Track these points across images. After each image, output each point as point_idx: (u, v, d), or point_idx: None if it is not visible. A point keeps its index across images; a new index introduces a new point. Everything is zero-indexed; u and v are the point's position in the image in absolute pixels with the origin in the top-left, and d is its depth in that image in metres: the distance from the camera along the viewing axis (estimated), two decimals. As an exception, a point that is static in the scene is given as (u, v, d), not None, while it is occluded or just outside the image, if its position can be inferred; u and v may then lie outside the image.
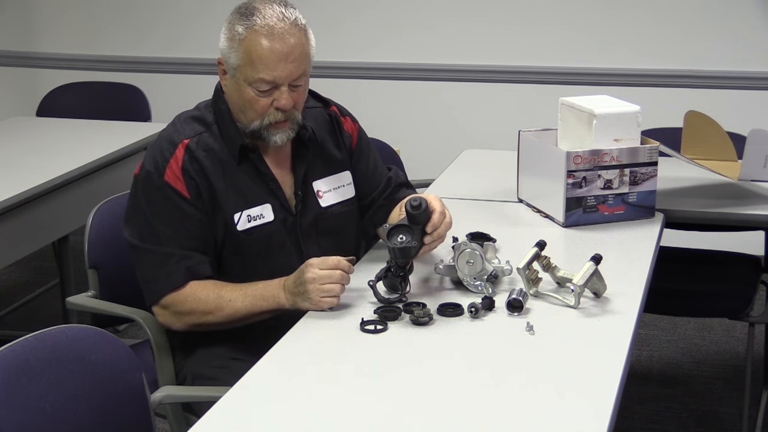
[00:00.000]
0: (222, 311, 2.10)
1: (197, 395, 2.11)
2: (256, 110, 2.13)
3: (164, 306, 2.15)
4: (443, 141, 4.48)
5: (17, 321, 4.11)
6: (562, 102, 2.70)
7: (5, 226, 3.03)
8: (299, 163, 2.26)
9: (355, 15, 4.65)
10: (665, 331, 3.94)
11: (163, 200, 2.13)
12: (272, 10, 2.10)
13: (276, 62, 2.08)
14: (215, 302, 2.11)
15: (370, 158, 2.40)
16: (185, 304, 2.12)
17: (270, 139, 2.16)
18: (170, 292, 2.12)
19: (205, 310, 2.11)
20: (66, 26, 5.05)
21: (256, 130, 2.15)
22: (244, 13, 2.11)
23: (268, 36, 2.07)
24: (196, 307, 2.12)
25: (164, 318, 2.17)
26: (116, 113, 4.14)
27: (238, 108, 2.16)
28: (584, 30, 4.42)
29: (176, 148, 2.15)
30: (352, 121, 2.39)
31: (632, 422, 3.24)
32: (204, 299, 2.11)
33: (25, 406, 1.64)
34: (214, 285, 2.13)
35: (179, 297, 2.12)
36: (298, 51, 2.10)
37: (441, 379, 1.74)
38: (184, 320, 2.15)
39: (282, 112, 2.13)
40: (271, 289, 2.08)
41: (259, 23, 2.08)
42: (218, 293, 2.11)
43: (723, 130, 2.83)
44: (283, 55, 2.08)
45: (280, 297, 2.07)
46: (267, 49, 2.07)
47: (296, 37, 2.10)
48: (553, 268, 2.11)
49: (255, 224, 2.19)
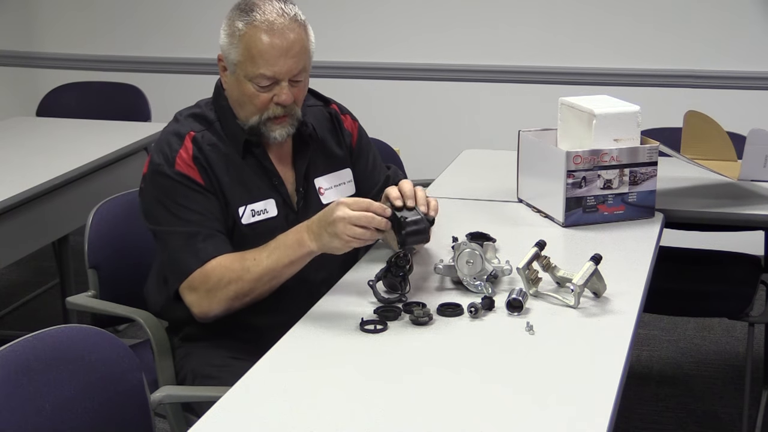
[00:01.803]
0: (250, 273, 2.05)
1: (197, 395, 2.11)
2: (256, 105, 2.13)
3: (194, 288, 2.09)
4: (443, 141, 4.48)
5: (17, 321, 4.12)
6: (561, 102, 2.70)
7: (5, 226, 3.04)
8: (300, 159, 2.26)
9: (355, 15, 4.65)
10: (665, 331, 3.94)
11: (179, 187, 2.12)
12: (271, 5, 2.11)
13: (276, 57, 2.08)
14: (241, 266, 2.06)
15: (369, 156, 2.41)
16: (212, 277, 2.07)
17: (269, 134, 2.16)
18: (199, 269, 2.08)
19: (233, 278, 2.06)
20: (66, 26, 5.06)
21: (255, 125, 2.16)
22: (244, 9, 2.12)
23: (268, 31, 2.08)
24: (223, 275, 2.06)
25: (199, 305, 2.10)
26: (116, 113, 4.14)
27: (237, 104, 2.17)
28: (584, 30, 4.42)
29: (183, 140, 2.15)
30: (352, 119, 2.40)
31: (632, 422, 3.24)
32: (229, 266, 2.07)
33: (25, 406, 1.64)
34: (237, 254, 2.10)
35: (206, 271, 2.07)
36: (298, 46, 2.11)
37: (441, 379, 1.74)
38: (217, 296, 2.07)
39: (282, 107, 2.13)
40: (293, 235, 2.04)
41: (259, 19, 2.09)
42: (242, 257, 2.08)
43: (723, 130, 2.83)
44: (284, 51, 2.08)
45: (304, 240, 2.01)
46: (267, 44, 2.08)
47: (296, 33, 2.10)
48: (553, 268, 2.11)
49: (259, 219, 2.19)
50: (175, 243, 2.12)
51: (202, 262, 2.08)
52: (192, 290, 2.10)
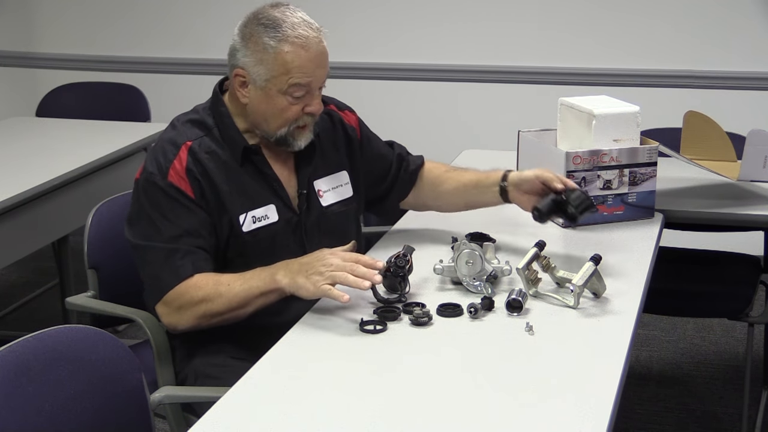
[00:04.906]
0: (221, 297, 2.06)
1: (196, 395, 2.11)
2: (287, 118, 2.15)
3: (167, 303, 2.12)
4: (443, 141, 4.48)
5: (17, 321, 4.12)
6: (561, 102, 2.70)
7: (5, 226, 3.03)
8: (304, 162, 2.27)
9: (355, 15, 4.65)
10: (665, 331, 3.94)
11: (167, 200, 2.12)
12: (295, 18, 2.13)
13: (313, 70, 2.12)
14: (214, 288, 2.07)
15: (373, 140, 2.45)
16: (185, 295, 2.09)
17: (294, 144, 2.19)
18: (176, 286, 2.09)
19: (204, 298, 2.07)
20: (66, 26, 5.05)
21: (282, 137, 2.17)
22: (268, 25, 2.11)
23: (304, 46, 2.10)
24: (195, 295, 2.08)
25: (168, 317, 2.13)
26: (116, 113, 4.14)
27: (262, 117, 2.17)
28: (584, 30, 4.42)
29: (179, 150, 2.15)
30: (351, 112, 2.42)
31: (631, 422, 3.24)
32: (203, 286, 2.08)
33: (25, 406, 1.64)
34: (214, 274, 2.11)
35: (180, 290, 2.09)
36: (325, 56, 2.16)
37: (440, 380, 1.74)
38: (187, 314, 2.10)
39: (312, 116, 2.17)
40: (269, 269, 2.06)
41: (291, 34, 2.10)
42: (217, 279, 2.09)
43: (722, 131, 2.83)
44: (319, 62, 2.13)
45: (277, 274, 2.02)
46: (304, 58, 2.10)
47: (322, 43, 2.15)
48: (553, 268, 2.11)
49: (260, 225, 2.19)
50: (155, 258, 2.12)
51: (181, 279, 2.09)
52: (164, 304, 2.12)
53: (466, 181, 2.44)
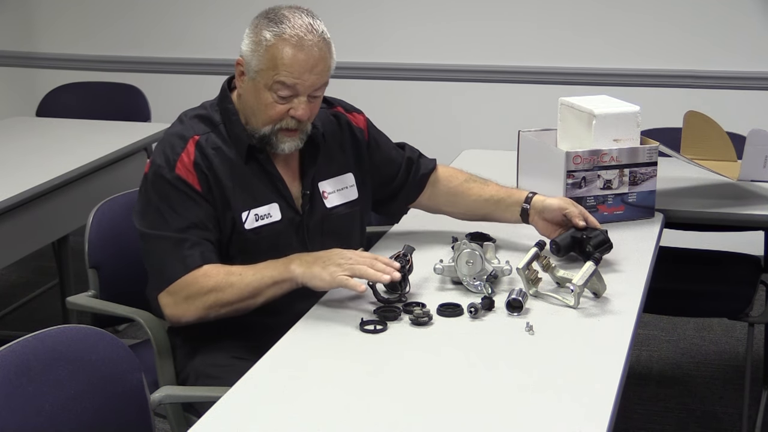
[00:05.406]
0: (232, 286, 2.05)
1: (197, 395, 2.11)
2: (271, 116, 2.14)
3: (172, 293, 2.09)
4: (443, 141, 4.47)
5: (17, 321, 4.11)
6: (561, 102, 2.70)
7: (5, 226, 3.03)
8: (309, 162, 2.27)
9: (355, 15, 4.65)
10: (665, 331, 3.94)
11: (175, 192, 2.12)
12: (301, 20, 2.11)
13: (301, 72, 2.10)
14: (225, 278, 2.06)
15: (383, 142, 2.43)
16: (194, 285, 2.07)
17: (278, 146, 2.17)
18: (183, 276, 2.08)
19: (214, 287, 2.06)
20: (66, 26, 5.05)
21: (266, 135, 2.16)
22: (273, 19, 2.12)
23: (296, 46, 2.09)
24: (205, 284, 2.06)
25: (173, 308, 2.10)
26: (116, 113, 4.14)
27: (251, 111, 2.17)
28: (584, 30, 4.42)
29: (187, 143, 2.16)
30: (359, 114, 2.41)
31: (631, 422, 3.24)
32: (213, 276, 2.07)
33: (25, 406, 1.64)
34: (224, 266, 2.10)
35: (188, 279, 2.08)
36: (322, 65, 2.12)
37: (440, 380, 1.74)
38: (195, 304, 2.08)
39: (296, 120, 2.14)
40: (282, 260, 2.06)
41: (288, 32, 2.09)
42: (228, 270, 2.08)
43: (723, 130, 2.83)
44: (309, 67, 2.10)
45: (291, 263, 2.03)
46: (293, 58, 2.08)
47: (322, 51, 2.12)
48: (553, 268, 2.11)
49: (262, 223, 2.19)
50: (163, 248, 2.11)
51: (189, 269, 2.08)
52: (169, 294, 2.10)
53: (487, 197, 2.43)
